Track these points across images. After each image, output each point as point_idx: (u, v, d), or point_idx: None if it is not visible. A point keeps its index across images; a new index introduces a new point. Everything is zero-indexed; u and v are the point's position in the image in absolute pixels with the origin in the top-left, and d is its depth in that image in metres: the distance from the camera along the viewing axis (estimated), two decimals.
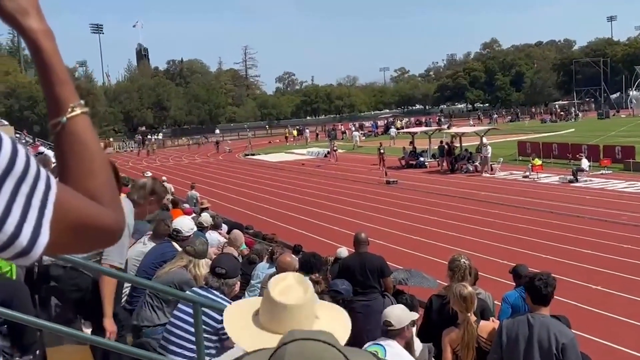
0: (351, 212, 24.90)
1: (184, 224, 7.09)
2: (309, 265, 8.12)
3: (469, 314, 5.47)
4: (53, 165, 5.48)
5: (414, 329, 6.07)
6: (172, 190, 18.49)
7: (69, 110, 1.26)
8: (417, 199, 27.13)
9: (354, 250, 9.05)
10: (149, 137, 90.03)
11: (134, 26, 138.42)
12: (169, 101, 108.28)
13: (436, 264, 15.48)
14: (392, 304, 8.12)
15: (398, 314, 5.24)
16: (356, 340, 4.90)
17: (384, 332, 5.21)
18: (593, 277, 13.94)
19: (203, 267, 5.63)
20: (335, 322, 2.28)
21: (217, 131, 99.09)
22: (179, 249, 6.48)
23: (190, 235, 6.92)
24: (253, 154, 58.38)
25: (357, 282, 8.25)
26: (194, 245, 5.75)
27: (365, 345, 5.14)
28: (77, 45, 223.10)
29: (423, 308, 7.78)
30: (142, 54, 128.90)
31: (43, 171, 1.08)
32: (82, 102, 1.30)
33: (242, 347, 2.21)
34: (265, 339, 2.13)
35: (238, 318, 2.29)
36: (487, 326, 5.50)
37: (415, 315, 5.60)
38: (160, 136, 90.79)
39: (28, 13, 1.21)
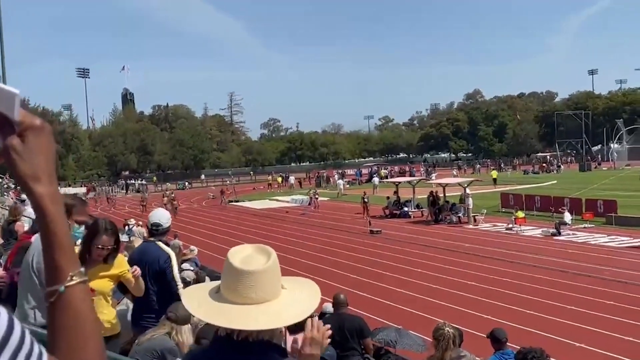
0: (335, 262, 24.76)
1: (161, 215, 6.81)
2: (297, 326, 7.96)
3: None
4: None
5: None
6: (181, 245, 17.83)
7: (68, 278, 1.25)
8: (401, 249, 27.05)
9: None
10: (133, 181, 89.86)
11: (121, 71, 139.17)
12: (153, 146, 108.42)
13: (419, 317, 15.44)
14: None
15: None
16: None
17: None
18: (576, 335, 13.86)
19: (186, 333, 5.49)
20: (303, 292, 2.28)
21: (203, 177, 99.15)
22: (162, 246, 6.40)
23: (169, 226, 6.74)
24: (237, 201, 58.26)
25: (336, 344, 8.15)
26: (176, 311, 5.58)
27: None
28: (62, 89, 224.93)
29: None
30: (127, 99, 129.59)
31: (36, 346, 1.10)
32: (82, 269, 1.29)
33: (214, 323, 2.18)
34: (231, 312, 2.12)
35: (199, 296, 2.25)
36: None
37: None
38: (144, 181, 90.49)
39: (39, 179, 1.22)
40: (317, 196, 47.73)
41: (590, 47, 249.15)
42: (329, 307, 10.68)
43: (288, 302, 2.18)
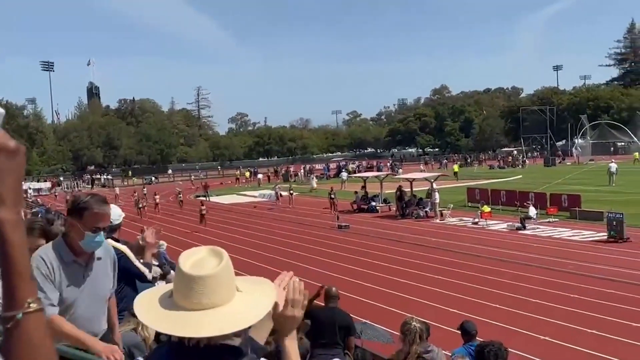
0: (302, 256, 24.78)
1: (113, 212, 6.44)
2: None
3: None
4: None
5: None
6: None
7: (26, 305, 1.23)
8: (368, 244, 27.14)
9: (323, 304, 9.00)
10: (99, 176, 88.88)
11: (88, 64, 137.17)
12: (119, 140, 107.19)
13: (387, 311, 15.51)
14: None
15: None
16: None
17: None
18: (541, 328, 14.03)
19: (152, 328, 5.41)
20: (258, 293, 2.23)
21: (170, 171, 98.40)
22: (113, 243, 5.85)
23: (120, 223, 6.51)
24: (204, 195, 57.94)
25: (323, 337, 8.19)
26: None
27: None
28: (27, 82, 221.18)
29: None
30: (93, 92, 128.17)
31: None
32: (40, 296, 1.28)
33: (164, 332, 2.12)
34: (183, 319, 2.06)
35: (149, 302, 2.19)
36: None
37: None
38: (109, 176, 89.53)
39: (4, 201, 1.20)
40: (292, 192, 47.33)
41: (555, 44, 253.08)
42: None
43: (240, 306, 2.13)
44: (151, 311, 2.14)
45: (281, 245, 27.95)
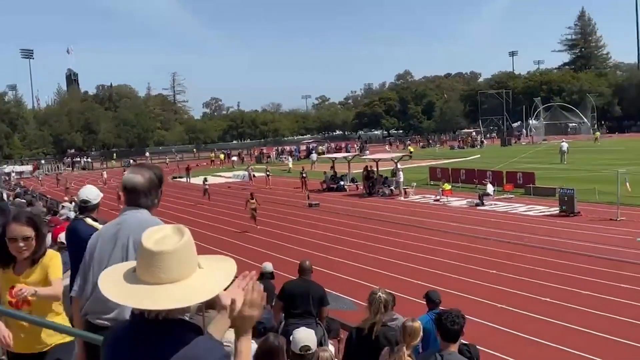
0: (274, 233, 24.84)
1: (89, 191, 6.12)
2: None
3: (403, 345, 5.51)
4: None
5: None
6: None
7: None
8: (337, 221, 27.25)
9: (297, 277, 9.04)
10: (79, 159, 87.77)
11: (67, 52, 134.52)
12: (98, 125, 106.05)
13: (355, 284, 15.61)
14: (324, 332, 8.13)
15: (314, 339, 5.14)
16: None
17: (298, 357, 5.07)
18: (498, 297, 14.26)
19: None
20: (218, 270, 2.24)
21: (147, 154, 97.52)
22: (91, 222, 5.60)
23: (99, 203, 6.15)
24: (181, 177, 57.55)
25: (297, 307, 8.25)
26: None
27: None
28: (7, 69, 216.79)
29: (344, 329, 7.84)
30: (72, 79, 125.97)
31: None
32: None
33: (123, 304, 2.15)
34: (142, 292, 2.09)
35: (114, 277, 2.20)
36: None
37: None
38: (89, 159, 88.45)
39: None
40: (268, 173, 46.96)
41: (511, 30, 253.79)
42: (268, 266, 10.68)
43: (197, 282, 2.14)
44: (114, 285, 2.16)
45: (255, 223, 27.94)
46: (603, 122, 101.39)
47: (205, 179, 40.75)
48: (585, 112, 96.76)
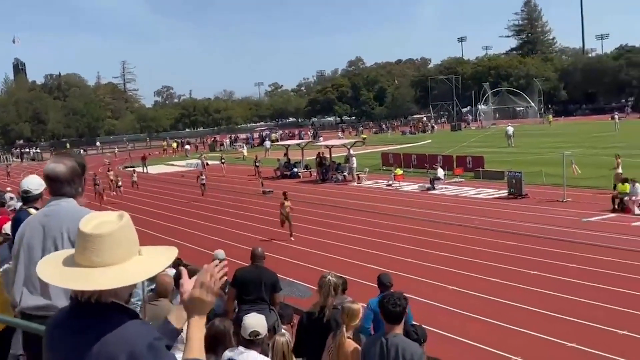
0: (229, 221, 24.71)
1: (31, 181, 5.70)
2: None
3: (344, 327, 5.56)
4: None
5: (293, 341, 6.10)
6: None
7: None
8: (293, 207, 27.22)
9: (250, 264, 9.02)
10: (28, 150, 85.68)
11: (13, 41, 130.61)
12: (46, 114, 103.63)
13: (307, 269, 15.65)
14: (277, 318, 8.14)
15: (263, 325, 5.14)
16: None
17: (248, 342, 5.06)
18: (449, 279, 14.48)
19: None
20: (156, 257, 2.24)
21: (98, 143, 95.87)
22: (34, 212, 5.53)
23: (41, 192, 6.02)
24: (133, 166, 56.72)
25: (250, 293, 8.25)
26: None
27: (224, 357, 5.00)
28: None
29: (297, 314, 7.87)
30: (19, 68, 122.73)
31: None
32: None
33: (56, 284, 2.15)
34: (75, 274, 2.09)
35: (55, 262, 2.20)
36: (351, 346, 5.54)
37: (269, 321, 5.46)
38: (39, 149, 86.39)
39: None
40: (223, 161, 46.53)
41: (460, 16, 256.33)
42: (219, 254, 10.62)
43: (131, 266, 2.13)
44: (51, 268, 2.17)
45: (207, 211, 27.78)
46: (549, 106, 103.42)
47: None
48: (532, 97, 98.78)
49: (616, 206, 21.77)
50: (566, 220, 20.48)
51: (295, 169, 40.60)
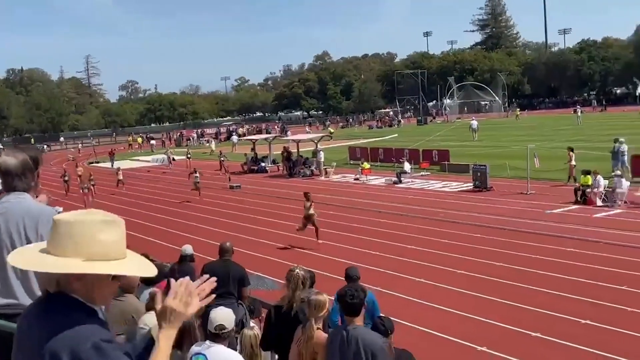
0: (196, 216, 24.57)
1: None
2: (148, 280, 7.73)
3: (312, 319, 5.57)
4: None
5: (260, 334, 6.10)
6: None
7: None
8: (258, 202, 27.19)
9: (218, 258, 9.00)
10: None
11: None
12: (8, 109, 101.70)
13: (275, 263, 15.62)
14: (245, 312, 8.12)
15: (230, 318, 5.13)
16: None
17: (214, 336, 5.04)
18: (417, 271, 14.60)
19: None
20: (129, 264, 2.21)
21: (62, 139, 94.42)
22: None
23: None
24: (98, 162, 56.06)
25: (217, 287, 8.17)
26: None
27: (190, 351, 4.98)
28: None
29: (265, 308, 7.86)
30: None
31: None
32: None
33: (15, 265, 2.15)
34: (38, 259, 2.08)
35: (30, 250, 2.20)
36: (320, 336, 5.55)
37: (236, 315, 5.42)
38: (1, 145, 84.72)
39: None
40: (189, 156, 46.18)
41: (426, 11, 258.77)
42: (187, 249, 10.57)
43: (92, 262, 2.09)
44: (24, 256, 2.18)
45: (174, 206, 27.60)
46: (514, 100, 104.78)
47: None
48: (497, 91, 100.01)
49: (579, 198, 22.15)
50: (530, 212, 20.78)
51: (263, 164, 40.53)
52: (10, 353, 2.29)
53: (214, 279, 2.42)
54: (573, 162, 26.13)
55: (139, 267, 2.28)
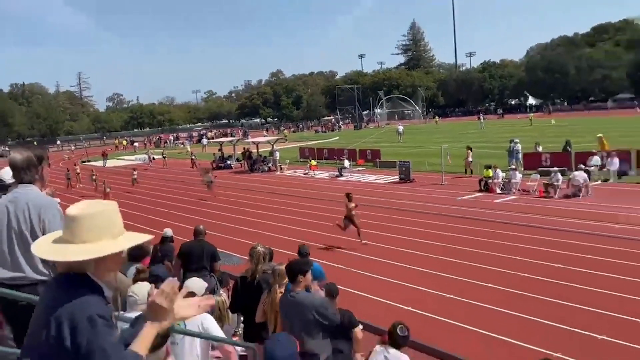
0: (173, 205, 24.19)
1: (6, 173, 5.26)
2: (134, 257, 7.61)
3: (276, 285, 5.59)
4: None
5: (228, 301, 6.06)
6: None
7: None
8: (226, 192, 26.91)
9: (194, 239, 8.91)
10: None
11: None
12: (12, 118, 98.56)
13: (239, 243, 15.50)
14: (216, 282, 8.05)
15: (200, 285, 5.08)
16: None
17: None
18: (353, 246, 14.69)
19: None
20: (126, 241, 2.18)
21: (58, 142, 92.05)
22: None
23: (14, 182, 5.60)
24: (89, 161, 54.60)
25: (193, 262, 8.16)
26: None
27: None
28: None
29: (232, 280, 7.82)
30: None
31: None
32: None
33: (38, 255, 2.14)
34: (54, 248, 2.08)
35: (47, 243, 2.16)
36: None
37: (207, 284, 5.28)
38: (7, 148, 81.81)
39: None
40: (164, 156, 45.26)
41: (360, 36, 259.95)
42: (168, 232, 10.40)
43: (98, 244, 2.07)
44: (44, 245, 2.14)
45: (154, 197, 27.10)
46: (430, 109, 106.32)
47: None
48: (417, 102, 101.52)
49: (482, 187, 22.67)
50: (445, 199, 21.15)
51: (229, 162, 40.18)
52: (19, 318, 2.25)
53: (212, 299, 2.37)
54: (470, 159, 26.78)
55: (138, 236, 2.26)
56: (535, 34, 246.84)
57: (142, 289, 4.55)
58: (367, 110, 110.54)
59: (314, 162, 34.16)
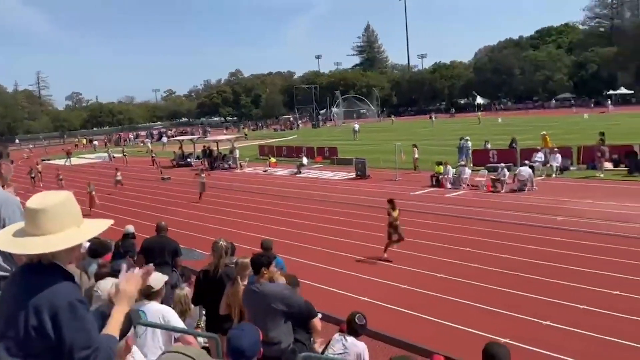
0: (134, 202, 23.76)
1: None
2: (96, 253, 7.45)
3: (238, 277, 5.58)
4: None
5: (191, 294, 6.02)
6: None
7: None
8: (185, 190, 26.61)
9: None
10: None
11: None
12: None
13: (200, 239, 15.35)
14: (178, 277, 7.97)
15: (157, 278, 5.02)
16: None
17: (147, 296, 4.91)
18: (311, 240, 14.78)
19: None
20: (92, 228, 2.21)
21: (17, 141, 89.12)
22: None
23: None
24: (49, 159, 52.93)
25: (155, 257, 8.04)
26: None
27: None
28: None
29: (195, 275, 7.74)
30: None
31: None
32: None
33: (5, 250, 2.12)
34: (16, 241, 2.08)
35: (6, 233, 2.16)
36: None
37: (165, 277, 5.20)
38: None
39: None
40: (125, 154, 44.25)
41: (317, 37, 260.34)
42: (129, 228, 10.22)
43: (63, 235, 2.08)
44: (4, 237, 2.13)
45: (115, 195, 26.52)
46: (384, 109, 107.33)
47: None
48: (372, 101, 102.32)
49: (434, 183, 23.08)
50: (399, 194, 21.32)
51: (189, 160, 39.59)
52: None
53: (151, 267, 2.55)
54: (416, 155, 27.26)
55: (101, 222, 2.30)
56: (483, 37, 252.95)
57: (106, 284, 4.49)
58: (325, 109, 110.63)
59: (273, 160, 34.09)
